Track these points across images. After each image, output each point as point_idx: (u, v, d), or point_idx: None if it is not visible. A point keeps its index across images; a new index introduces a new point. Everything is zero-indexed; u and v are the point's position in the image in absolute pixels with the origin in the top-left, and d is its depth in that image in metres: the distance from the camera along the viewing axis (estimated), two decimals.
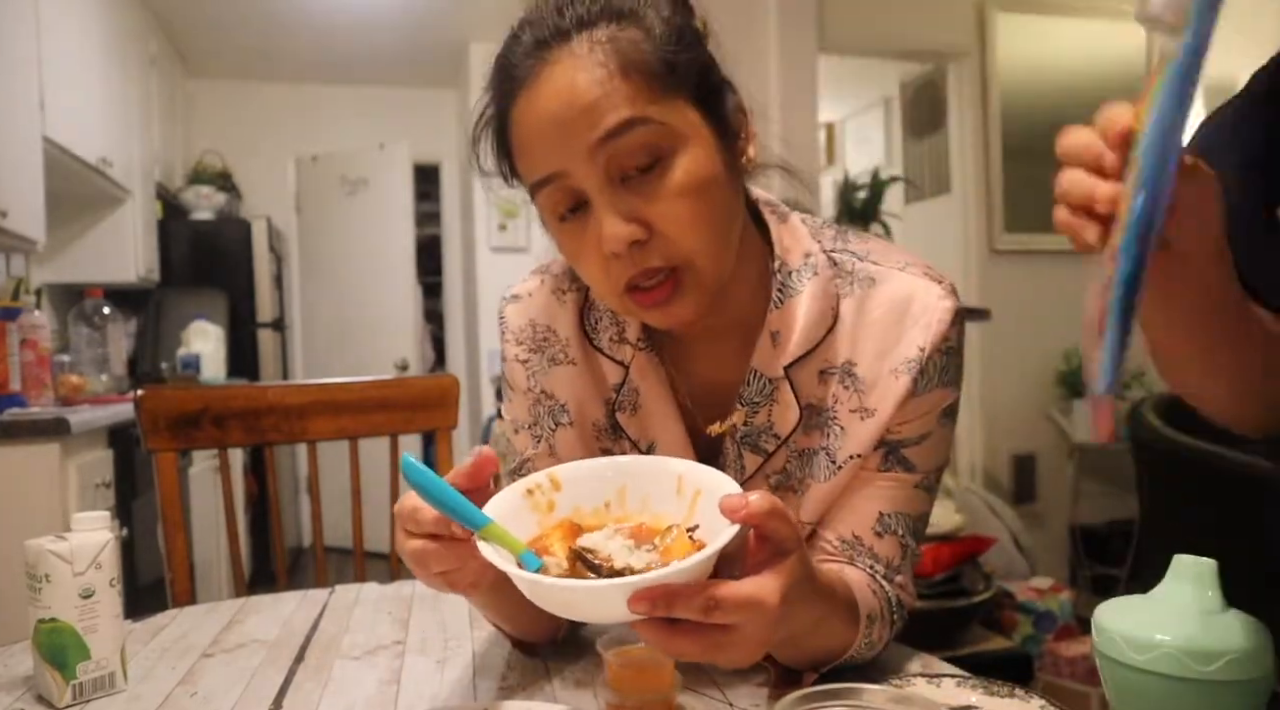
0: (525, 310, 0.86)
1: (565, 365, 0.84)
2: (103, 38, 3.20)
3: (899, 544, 0.78)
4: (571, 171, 0.67)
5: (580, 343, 0.83)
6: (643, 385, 0.81)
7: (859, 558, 0.77)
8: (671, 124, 0.67)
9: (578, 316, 0.84)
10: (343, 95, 5.08)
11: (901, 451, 0.77)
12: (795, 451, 0.79)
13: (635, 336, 0.80)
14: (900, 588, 0.78)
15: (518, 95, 0.69)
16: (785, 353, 0.76)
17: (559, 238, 0.73)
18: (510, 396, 0.88)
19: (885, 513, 0.77)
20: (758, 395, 0.78)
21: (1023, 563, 2.77)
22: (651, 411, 0.81)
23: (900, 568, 0.78)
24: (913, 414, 0.76)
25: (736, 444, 0.79)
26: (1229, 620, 0.53)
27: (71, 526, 0.74)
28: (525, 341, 0.85)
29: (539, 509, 0.64)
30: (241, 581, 1.26)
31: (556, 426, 0.85)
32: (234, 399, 1.27)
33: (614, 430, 0.84)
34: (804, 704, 0.55)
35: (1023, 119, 3.47)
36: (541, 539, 0.61)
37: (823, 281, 0.77)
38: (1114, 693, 0.55)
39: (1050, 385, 3.52)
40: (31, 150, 2.52)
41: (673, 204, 0.67)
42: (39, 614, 0.71)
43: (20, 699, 0.73)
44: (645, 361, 0.80)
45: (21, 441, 1.99)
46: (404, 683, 0.75)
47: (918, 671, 0.73)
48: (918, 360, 0.75)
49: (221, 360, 3.76)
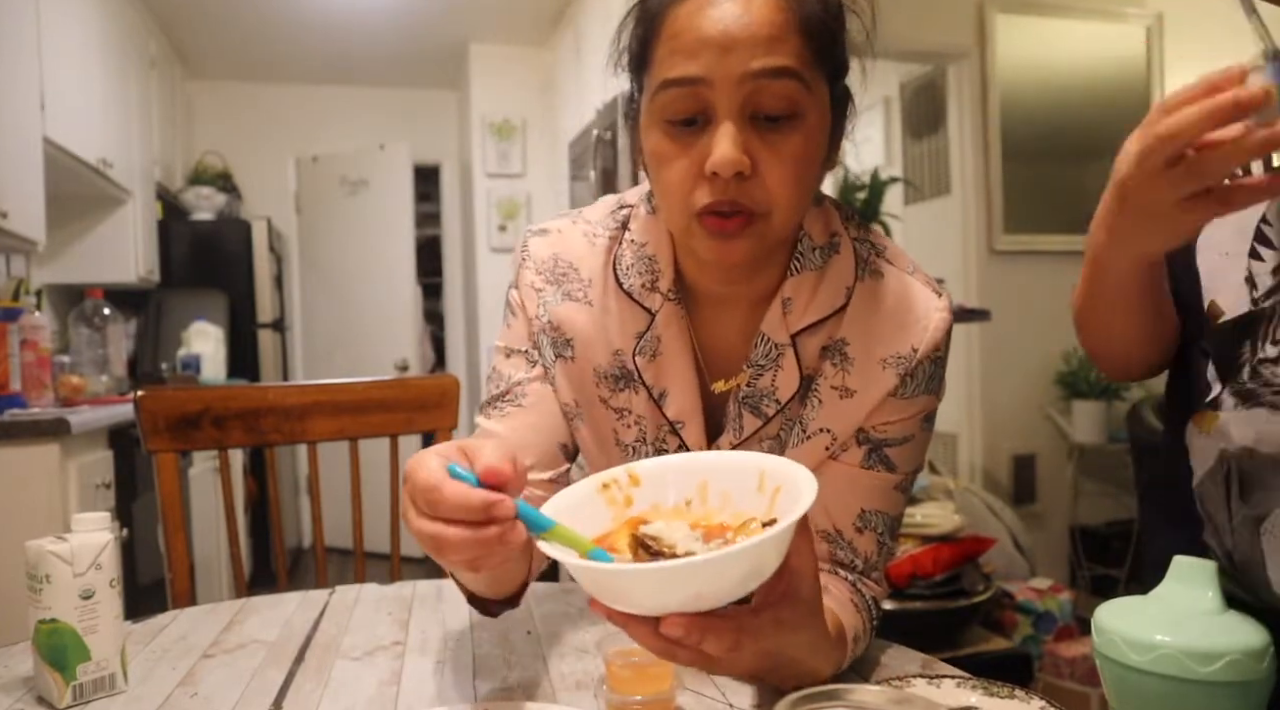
0: (551, 244, 0.87)
1: (580, 304, 0.85)
2: (103, 38, 3.20)
3: (877, 542, 0.81)
4: (715, 85, 0.68)
5: (604, 286, 0.84)
6: (665, 334, 0.82)
7: (838, 551, 0.80)
8: (813, 93, 0.71)
9: (607, 259, 0.85)
10: (343, 95, 5.08)
11: (885, 450, 0.80)
12: (790, 420, 0.82)
13: (667, 287, 0.82)
14: (876, 584, 0.82)
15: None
16: (794, 320, 0.79)
17: (655, 139, 0.73)
18: (511, 322, 0.89)
19: (866, 509, 0.80)
20: (764, 359, 0.80)
21: (1022, 563, 2.76)
22: (669, 361, 0.83)
23: (876, 565, 0.82)
24: (897, 415, 0.80)
25: (739, 404, 0.82)
26: (1229, 621, 0.53)
27: (72, 527, 0.74)
28: (544, 272, 0.87)
29: (615, 504, 0.63)
30: (241, 582, 1.26)
31: (556, 359, 0.86)
32: (234, 399, 1.27)
33: (615, 380, 0.85)
34: (804, 704, 0.55)
35: (1023, 119, 3.47)
36: (608, 538, 0.60)
37: (841, 262, 0.80)
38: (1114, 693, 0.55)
39: (1050, 385, 3.51)
40: (32, 151, 2.52)
41: (783, 160, 0.70)
42: (39, 615, 0.71)
43: (20, 700, 0.73)
44: (672, 312, 0.82)
45: (22, 442, 1.99)
46: (404, 683, 0.75)
47: (918, 672, 0.73)
48: (908, 359, 0.78)
49: (221, 361, 3.76)
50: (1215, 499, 0.75)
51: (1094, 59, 3.53)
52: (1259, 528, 0.70)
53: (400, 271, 4.59)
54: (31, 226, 2.50)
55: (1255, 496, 0.71)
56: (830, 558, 0.81)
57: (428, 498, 0.54)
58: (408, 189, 4.59)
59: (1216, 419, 0.75)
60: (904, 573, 2.18)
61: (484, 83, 4.52)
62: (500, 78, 4.52)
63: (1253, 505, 0.71)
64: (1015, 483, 3.51)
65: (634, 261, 0.83)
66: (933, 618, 2.18)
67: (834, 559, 0.81)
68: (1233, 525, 0.73)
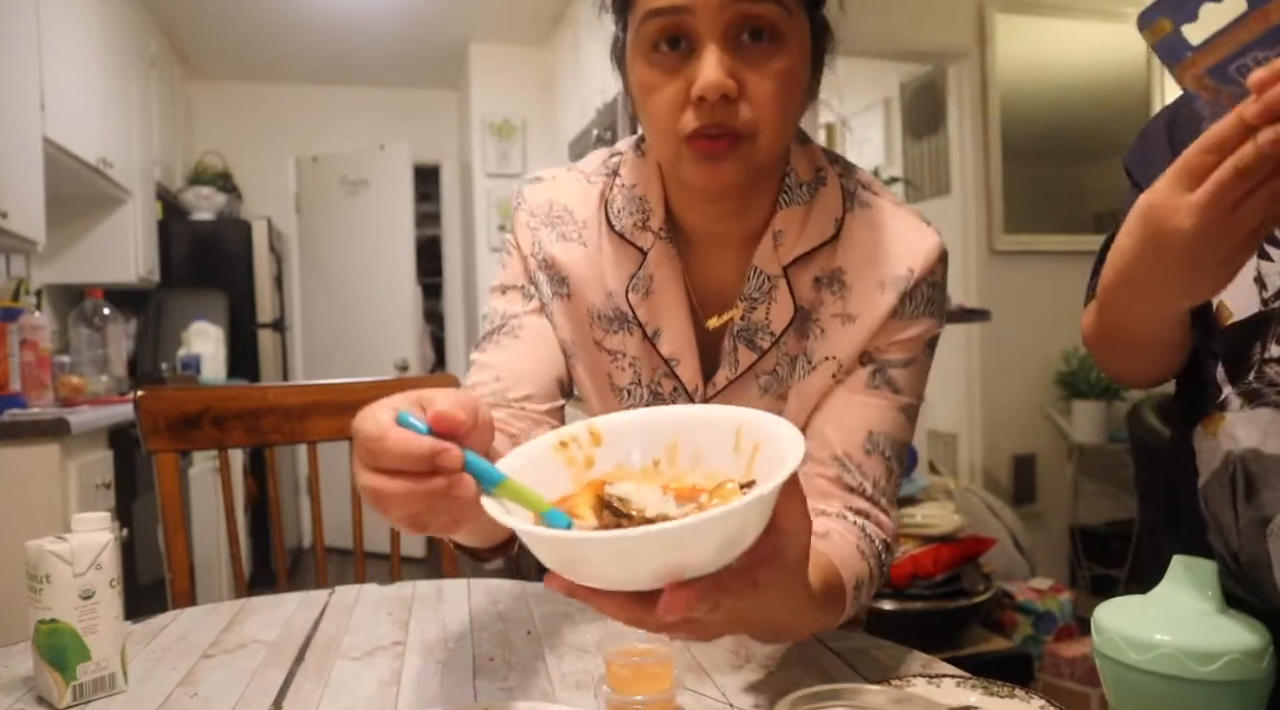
0: (546, 190, 0.90)
1: (575, 244, 0.87)
2: (103, 38, 3.20)
3: (885, 466, 0.81)
4: (697, 12, 0.70)
5: (598, 228, 0.87)
6: (658, 273, 0.84)
7: (846, 475, 0.80)
8: (793, 18, 0.73)
9: (600, 203, 0.87)
10: (343, 95, 5.08)
11: (889, 372, 0.82)
12: (787, 356, 0.84)
13: (658, 226, 0.84)
14: (885, 514, 0.81)
15: None
16: (785, 252, 0.81)
17: (641, 69, 0.75)
18: (507, 262, 0.90)
19: (874, 431, 0.81)
20: (757, 291, 0.82)
21: (1023, 563, 2.76)
22: (662, 298, 0.84)
23: (885, 490, 0.81)
24: (899, 335, 0.81)
25: (733, 338, 0.84)
26: (1228, 620, 0.53)
27: (72, 527, 0.74)
28: (539, 215, 0.89)
29: (574, 465, 0.57)
30: (241, 582, 1.26)
31: (554, 296, 0.88)
32: (234, 400, 1.27)
33: (609, 321, 0.86)
34: (804, 704, 0.55)
35: (1023, 119, 3.47)
36: (568, 500, 0.54)
37: (828, 194, 0.83)
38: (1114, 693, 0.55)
39: (1050, 385, 3.51)
40: (32, 151, 2.52)
41: (766, 80, 0.72)
42: (39, 615, 0.71)
43: (20, 700, 0.73)
44: (664, 250, 0.84)
45: (21, 442, 1.99)
46: (404, 683, 0.75)
47: (918, 672, 0.73)
48: (905, 280, 0.80)
49: (221, 361, 3.76)
50: (1221, 501, 0.75)
51: (1094, 59, 3.53)
52: (1265, 529, 0.70)
53: (400, 271, 4.59)
54: (31, 226, 2.50)
55: (1261, 498, 0.71)
56: (839, 483, 0.80)
57: (370, 448, 0.50)
58: (408, 189, 4.59)
59: (1224, 420, 0.74)
60: (904, 573, 2.19)
61: (484, 83, 4.52)
62: (500, 78, 4.52)
63: (1258, 507, 0.71)
64: (1015, 483, 3.51)
65: (625, 203, 0.85)
66: (933, 618, 2.18)
67: (842, 484, 0.80)
68: (1238, 527, 0.73)
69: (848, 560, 0.74)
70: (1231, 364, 0.75)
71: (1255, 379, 0.72)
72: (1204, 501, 0.77)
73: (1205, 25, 0.54)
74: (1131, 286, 0.66)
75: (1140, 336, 0.76)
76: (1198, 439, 0.78)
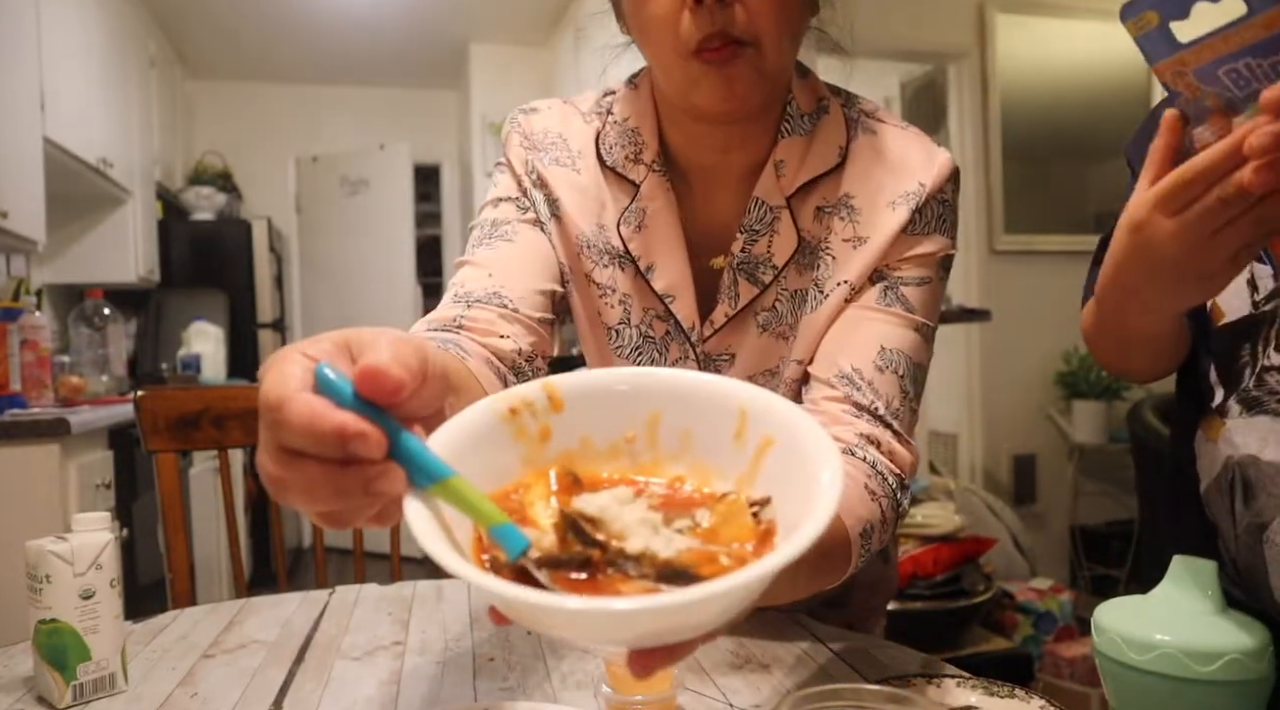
0: (541, 119, 0.88)
1: (569, 170, 0.85)
2: (103, 38, 3.20)
3: (899, 386, 0.76)
4: None
5: (592, 162, 0.85)
6: (651, 206, 0.82)
7: (856, 393, 0.75)
8: None
9: (593, 137, 0.85)
10: (343, 95, 5.08)
11: (901, 290, 0.79)
12: (787, 291, 0.81)
13: (651, 158, 0.82)
14: (898, 441, 0.75)
15: None
16: (788, 182, 0.80)
17: None
18: (499, 179, 0.88)
19: (886, 347, 0.77)
20: (758, 223, 0.80)
21: (1023, 563, 2.77)
22: (656, 232, 0.82)
23: (899, 413, 0.76)
24: (911, 251, 0.79)
25: (734, 271, 0.82)
26: (1229, 620, 0.53)
27: (72, 527, 0.74)
28: (533, 137, 0.87)
29: (525, 438, 0.44)
30: (241, 582, 1.26)
31: (550, 217, 0.85)
32: (234, 400, 1.27)
33: (599, 253, 0.84)
34: (804, 704, 0.54)
35: (1023, 119, 3.47)
36: (518, 491, 0.42)
37: (831, 121, 0.81)
38: (1114, 693, 0.55)
39: (1050, 385, 3.51)
40: (32, 151, 2.52)
41: None
42: (39, 615, 0.71)
43: (20, 700, 0.73)
44: (657, 183, 0.82)
45: (22, 442, 1.99)
46: (404, 683, 0.75)
47: (918, 672, 0.73)
48: (916, 195, 0.78)
49: (222, 361, 3.76)
50: (1220, 507, 0.75)
51: (1094, 59, 3.53)
52: (1262, 536, 0.70)
53: (400, 271, 4.60)
54: (31, 226, 2.50)
55: (1258, 504, 0.71)
56: (849, 402, 0.75)
57: (270, 418, 0.37)
58: (408, 189, 4.59)
59: (1224, 426, 0.74)
60: (905, 573, 2.19)
61: (484, 83, 4.52)
62: (500, 78, 4.52)
63: (1255, 513, 0.71)
64: (1015, 483, 3.51)
65: (617, 138, 0.84)
66: (933, 618, 2.18)
67: (852, 403, 0.75)
68: (1236, 532, 0.73)
69: (854, 507, 0.68)
70: (1223, 365, 0.75)
71: (1255, 387, 0.72)
72: (1206, 506, 0.77)
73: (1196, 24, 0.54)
74: (1123, 291, 0.66)
75: (1137, 334, 0.76)
76: (1199, 444, 0.78)
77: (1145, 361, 0.83)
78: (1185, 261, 0.57)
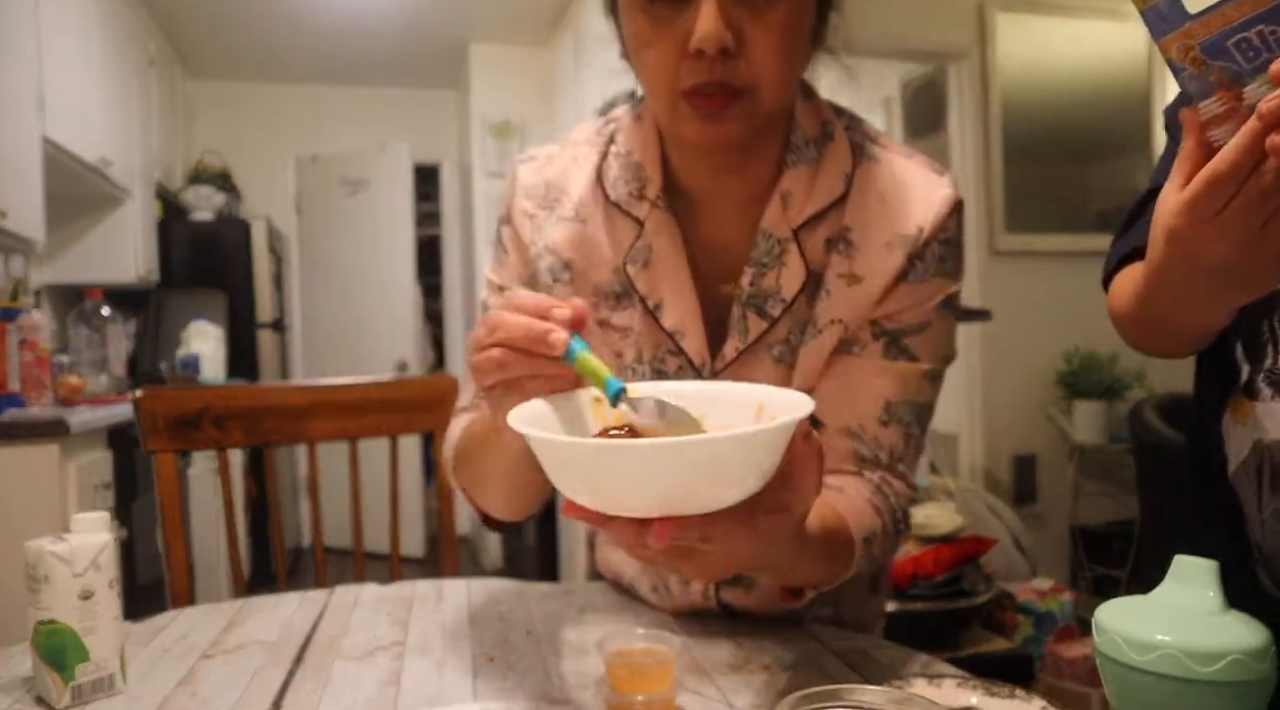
0: (540, 169, 0.88)
1: (573, 222, 0.85)
2: (102, 38, 3.20)
3: (904, 433, 0.79)
4: None
5: (594, 201, 0.84)
6: (656, 242, 0.82)
7: (860, 447, 0.78)
8: None
9: (594, 174, 0.85)
10: (343, 95, 5.08)
11: (903, 341, 0.78)
12: (798, 323, 0.80)
13: (655, 194, 0.81)
14: (900, 480, 0.79)
15: None
16: (795, 214, 0.78)
17: (636, 20, 0.72)
18: (504, 259, 0.89)
19: (892, 402, 0.78)
20: (766, 256, 0.79)
21: (1023, 564, 2.76)
22: (662, 268, 0.82)
23: (903, 456, 0.79)
24: (909, 301, 0.78)
25: (742, 307, 0.80)
26: (1230, 621, 0.53)
27: (71, 527, 0.74)
28: (535, 197, 0.87)
29: (604, 420, 0.61)
30: (241, 582, 1.25)
31: (554, 283, 0.85)
32: (234, 399, 1.27)
33: (615, 298, 0.84)
34: (804, 704, 0.54)
35: (1023, 119, 3.47)
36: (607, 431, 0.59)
37: (837, 149, 0.80)
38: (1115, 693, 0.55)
39: (1050, 385, 3.51)
40: (31, 150, 2.52)
41: (769, 32, 0.69)
42: (38, 615, 0.71)
43: (20, 700, 0.73)
44: (662, 219, 0.82)
45: (21, 442, 1.99)
46: (404, 683, 0.75)
47: (918, 672, 0.73)
48: (914, 240, 0.77)
49: (221, 361, 3.76)
50: (1248, 490, 0.74)
51: (1095, 58, 3.53)
52: None
53: (400, 271, 4.59)
54: (31, 226, 2.50)
55: None
56: (853, 456, 0.78)
57: (503, 322, 0.60)
58: (408, 189, 4.59)
59: (1253, 409, 0.74)
60: (905, 573, 2.18)
61: (484, 83, 4.51)
62: (500, 78, 4.51)
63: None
64: (1016, 483, 3.51)
65: (620, 172, 0.83)
66: (933, 618, 2.17)
67: (856, 457, 0.78)
68: (1262, 517, 0.72)
69: (859, 514, 0.72)
70: (1246, 340, 0.74)
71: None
72: (1235, 488, 0.76)
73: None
74: (1173, 297, 0.64)
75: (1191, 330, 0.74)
76: (1227, 426, 0.77)
77: (1185, 344, 0.80)
78: (1237, 264, 0.55)
